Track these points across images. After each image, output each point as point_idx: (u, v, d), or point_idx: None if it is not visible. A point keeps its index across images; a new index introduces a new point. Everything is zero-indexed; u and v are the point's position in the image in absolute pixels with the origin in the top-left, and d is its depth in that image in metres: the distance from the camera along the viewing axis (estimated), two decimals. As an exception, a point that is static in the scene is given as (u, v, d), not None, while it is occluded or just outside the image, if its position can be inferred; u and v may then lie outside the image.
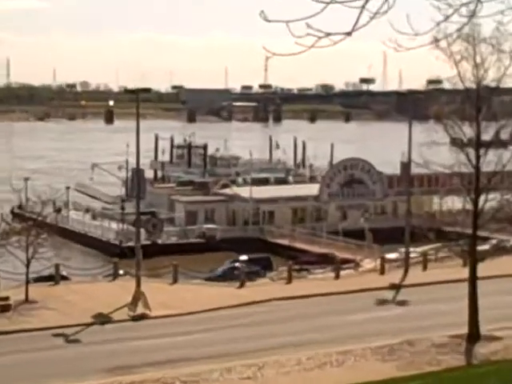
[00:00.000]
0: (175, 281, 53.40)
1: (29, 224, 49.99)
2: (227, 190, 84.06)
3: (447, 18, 6.12)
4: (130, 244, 62.18)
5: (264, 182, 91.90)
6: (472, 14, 6.09)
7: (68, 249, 71.40)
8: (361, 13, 5.64)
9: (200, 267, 60.46)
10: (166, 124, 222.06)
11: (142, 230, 62.08)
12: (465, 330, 40.20)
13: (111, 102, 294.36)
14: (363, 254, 65.22)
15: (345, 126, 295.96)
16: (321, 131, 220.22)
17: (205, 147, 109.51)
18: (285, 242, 73.26)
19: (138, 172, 56.41)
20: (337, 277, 56.37)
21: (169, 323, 43.62)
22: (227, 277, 55.97)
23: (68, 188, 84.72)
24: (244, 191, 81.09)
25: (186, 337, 40.72)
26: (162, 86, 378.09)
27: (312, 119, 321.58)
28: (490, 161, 42.63)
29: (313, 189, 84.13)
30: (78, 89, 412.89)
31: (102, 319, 43.47)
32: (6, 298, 45.52)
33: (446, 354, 37.35)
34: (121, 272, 54.64)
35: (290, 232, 74.68)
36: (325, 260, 61.70)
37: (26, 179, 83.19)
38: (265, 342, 39.61)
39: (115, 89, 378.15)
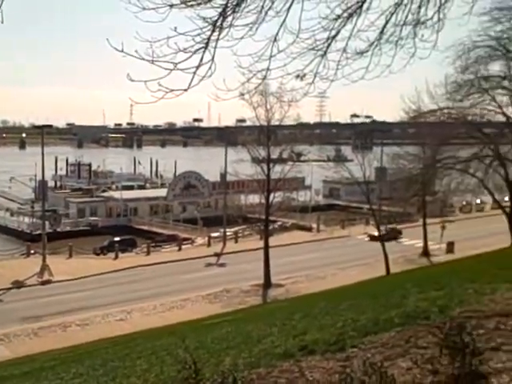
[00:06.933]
0: (70, 256, 51.81)
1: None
2: (105, 194, 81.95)
3: (249, 80, 6.41)
4: (38, 232, 59.42)
5: (130, 187, 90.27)
6: (264, 78, 6.39)
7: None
8: (193, 76, 5.78)
9: (87, 246, 58.57)
10: (62, 149, 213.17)
11: (47, 222, 59.60)
12: (261, 281, 41.09)
13: (24, 134, 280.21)
14: (196, 234, 65.24)
15: (184, 150, 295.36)
16: (168, 153, 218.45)
17: (90, 165, 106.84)
18: (145, 227, 72.06)
19: (43, 182, 54.03)
20: (179, 250, 56.20)
21: (67, 285, 42.03)
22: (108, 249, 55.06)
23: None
24: (117, 194, 79.23)
25: (79, 294, 39.38)
26: (60, 123, 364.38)
27: (162, 145, 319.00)
28: (276, 171, 44.07)
29: (163, 192, 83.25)
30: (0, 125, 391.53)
31: (19, 284, 41.47)
32: None
33: (249, 296, 38.00)
34: (32, 251, 52.39)
35: (148, 221, 73.56)
36: (172, 239, 61.27)
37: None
38: (132, 294, 38.94)
39: (27, 125, 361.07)
